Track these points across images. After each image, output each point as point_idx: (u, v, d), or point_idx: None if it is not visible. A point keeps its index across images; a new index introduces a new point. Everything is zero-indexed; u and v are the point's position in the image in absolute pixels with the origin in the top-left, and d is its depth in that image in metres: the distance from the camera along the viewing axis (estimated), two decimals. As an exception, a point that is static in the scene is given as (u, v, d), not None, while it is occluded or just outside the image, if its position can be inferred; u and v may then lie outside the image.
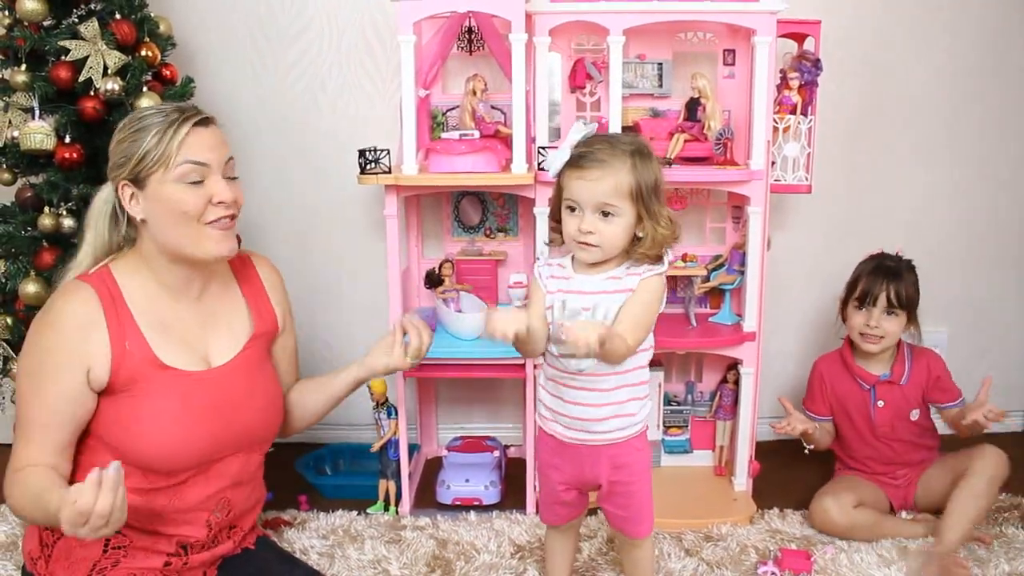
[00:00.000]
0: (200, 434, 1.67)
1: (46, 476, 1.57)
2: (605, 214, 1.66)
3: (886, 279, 2.35)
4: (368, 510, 2.51)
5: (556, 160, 1.72)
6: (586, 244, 1.68)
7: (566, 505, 1.90)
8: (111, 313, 1.64)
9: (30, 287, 2.20)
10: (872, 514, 2.34)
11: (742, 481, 2.57)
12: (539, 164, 2.31)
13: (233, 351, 1.79)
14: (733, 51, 2.53)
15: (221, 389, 1.72)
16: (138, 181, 1.65)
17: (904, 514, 2.42)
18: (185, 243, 1.67)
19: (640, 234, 1.70)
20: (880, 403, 2.40)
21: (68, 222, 2.23)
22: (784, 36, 2.40)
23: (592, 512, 2.33)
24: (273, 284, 1.94)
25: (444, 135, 2.47)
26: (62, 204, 2.25)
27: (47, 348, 1.62)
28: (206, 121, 1.70)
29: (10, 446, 1.64)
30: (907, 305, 2.35)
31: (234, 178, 1.74)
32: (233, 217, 1.72)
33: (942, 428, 2.46)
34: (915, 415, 2.41)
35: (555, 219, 1.79)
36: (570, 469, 1.84)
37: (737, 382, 2.58)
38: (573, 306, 1.72)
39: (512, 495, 2.58)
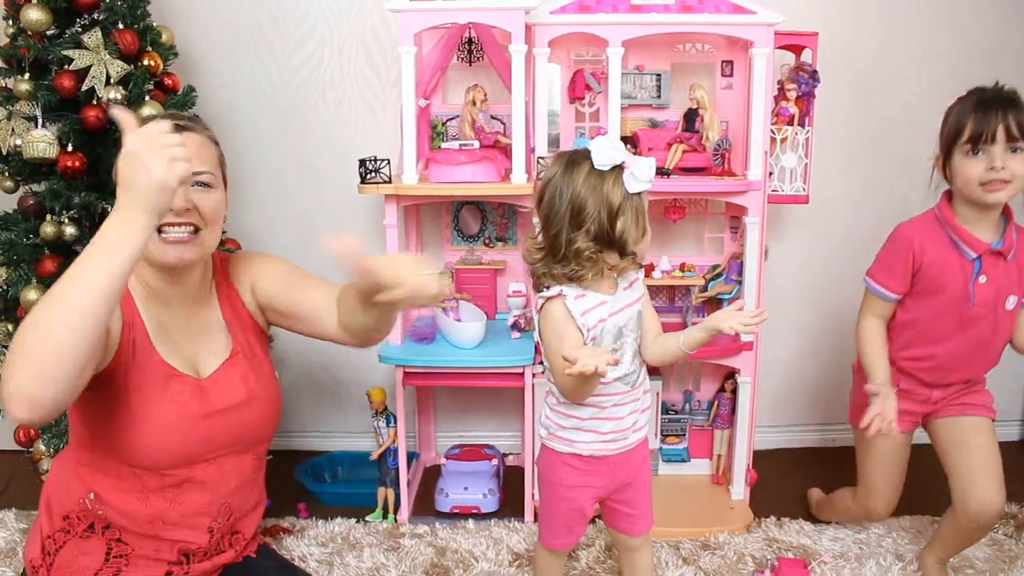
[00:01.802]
0: (194, 431, 1.66)
1: None
2: None
3: (1001, 109, 1.87)
4: (367, 518, 2.52)
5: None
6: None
7: (586, 522, 1.89)
8: (123, 306, 1.62)
9: (32, 294, 2.21)
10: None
11: (739, 490, 2.58)
12: (538, 175, 2.32)
13: (217, 363, 1.76)
14: (731, 62, 2.55)
15: (214, 394, 1.71)
16: None
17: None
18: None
19: None
20: (983, 279, 1.97)
21: (70, 230, 2.25)
22: (782, 48, 2.42)
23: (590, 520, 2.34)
24: (238, 271, 1.86)
25: (444, 145, 2.49)
26: (64, 212, 2.26)
27: None
28: (177, 128, 1.60)
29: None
30: None
31: (205, 185, 1.66)
32: (195, 229, 1.64)
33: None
34: (1011, 303, 1.99)
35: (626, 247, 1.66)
36: (604, 482, 1.82)
37: (735, 391, 2.59)
38: (618, 327, 1.72)
39: (510, 503, 2.59)
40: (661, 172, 2.38)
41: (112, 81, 2.21)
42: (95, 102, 2.21)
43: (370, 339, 1.82)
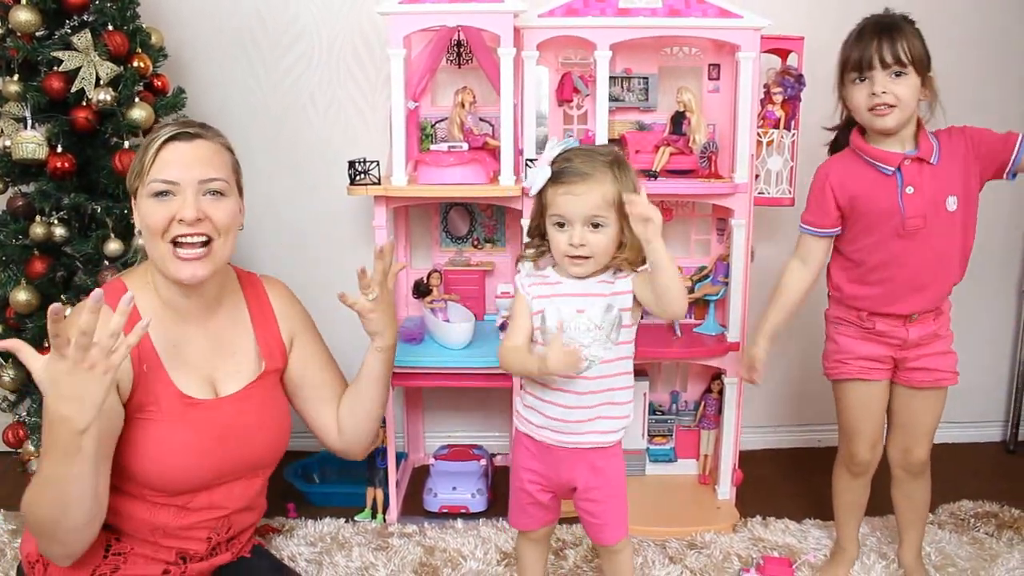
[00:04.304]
0: (204, 461, 1.68)
1: None
2: (595, 226, 1.69)
3: (878, 36, 1.92)
4: (356, 518, 2.53)
5: (537, 178, 1.73)
6: (579, 258, 1.71)
7: (540, 507, 1.90)
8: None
9: (21, 295, 2.22)
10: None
11: (726, 490, 2.60)
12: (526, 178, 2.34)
13: (241, 383, 1.77)
14: (718, 66, 2.57)
15: (229, 419, 1.71)
16: (134, 194, 1.67)
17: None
18: (158, 261, 1.66)
19: (624, 241, 1.73)
20: (909, 189, 1.95)
21: (60, 231, 2.25)
22: (768, 52, 2.44)
23: (576, 519, 2.35)
24: (284, 311, 1.89)
25: (433, 147, 2.50)
26: (54, 213, 2.26)
27: None
28: (189, 136, 1.65)
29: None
30: (913, 61, 1.91)
31: (218, 193, 1.67)
32: (206, 241, 1.65)
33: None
34: (952, 204, 1.96)
35: (534, 235, 1.82)
36: (547, 471, 1.85)
37: (721, 392, 2.61)
38: (567, 310, 1.74)
39: (498, 503, 2.59)
40: (648, 174, 2.41)
41: (102, 83, 2.21)
42: (84, 103, 2.22)
43: (357, 440, 1.96)
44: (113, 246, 2.24)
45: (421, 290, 2.60)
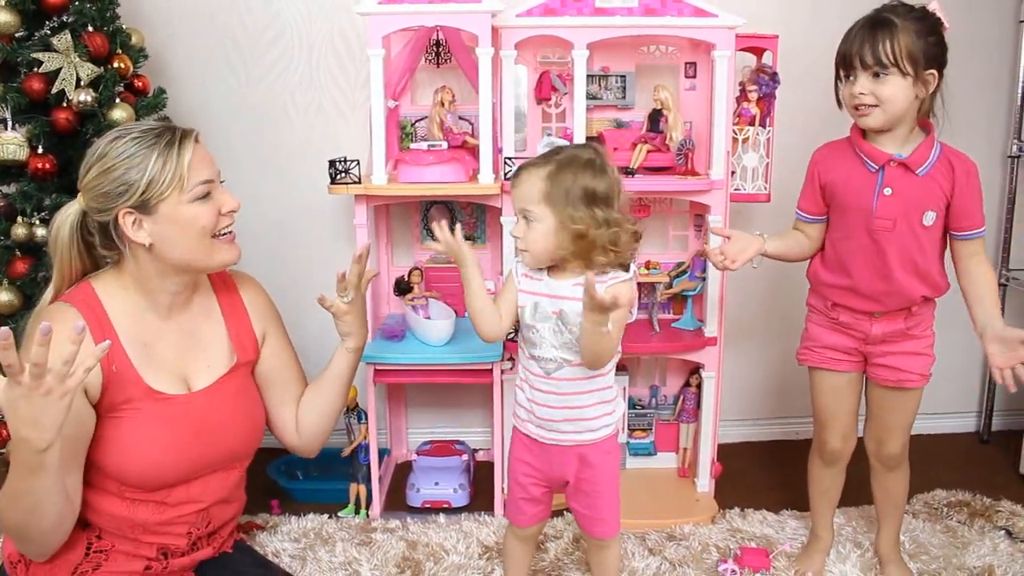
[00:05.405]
0: (181, 456, 1.70)
1: None
2: (527, 220, 1.75)
3: (863, 35, 1.86)
4: (339, 513, 2.55)
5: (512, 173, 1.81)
6: (521, 250, 1.79)
7: (534, 502, 1.94)
8: (98, 336, 1.63)
9: (3, 296, 2.22)
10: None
11: (704, 482, 2.63)
12: (505, 174, 2.36)
13: (213, 377, 1.80)
14: (694, 64, 2.60)
15: (203, 413, 1.74)
16: (145, 207, 1.64)
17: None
18: (199, 257, 1.71)
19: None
20: (887, 191, 1.93)
21: (41, 232, 2.25)
22: (743, 50, 2.47)
23: (558, 513, 2.39)
24: (255, 305, 1.93)
25: (413, 146, 2.52)
26: (35, 214, 2.26)
27: None
28: (197, 136, 1.73)
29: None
30: (899, 60, 1.84)
31: (223, 183, 1.79)
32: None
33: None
34: (929, 219, 1.93)
35: None
36: (540, 465, 1.89)
37: (699, 386, 2.64)
38: (544, 309, 1.79)
39: (480, 498, 2.63)
40: (626, 171, 2.43)
41: (82, 84, 2.22)
42: (65, 104, 2.22)
43: (313, 437, 2.03)
44: (95, 246, 2.24)
45: (402, 287, 2.62)
